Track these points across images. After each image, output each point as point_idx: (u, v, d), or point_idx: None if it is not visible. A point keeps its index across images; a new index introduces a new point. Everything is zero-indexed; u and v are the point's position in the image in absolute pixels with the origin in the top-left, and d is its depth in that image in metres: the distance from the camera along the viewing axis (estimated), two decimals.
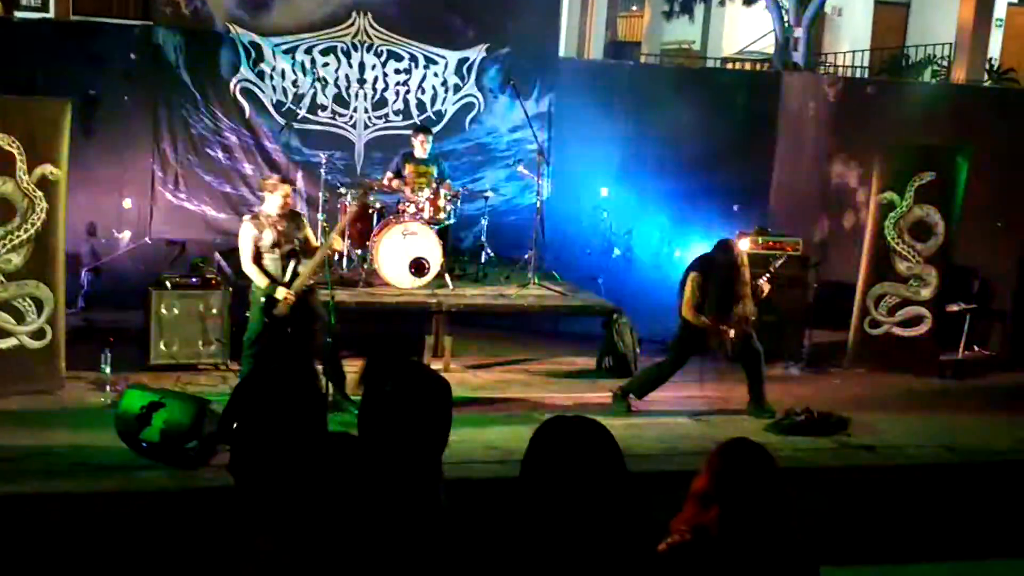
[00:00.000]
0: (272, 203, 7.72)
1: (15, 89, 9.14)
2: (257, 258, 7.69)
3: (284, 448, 4.86)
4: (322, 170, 10.48)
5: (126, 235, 10.90)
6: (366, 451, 2.84)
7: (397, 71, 11.55)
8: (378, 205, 10.10)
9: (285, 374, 5.08)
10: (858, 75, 18.73)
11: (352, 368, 7.92)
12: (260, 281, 7.67)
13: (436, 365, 8.38)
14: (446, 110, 11.73)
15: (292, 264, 7.63)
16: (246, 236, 7.72)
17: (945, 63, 17.96)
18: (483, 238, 10.70)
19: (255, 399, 5.08)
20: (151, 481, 6.33)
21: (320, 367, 7.57)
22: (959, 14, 17.33)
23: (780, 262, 8.95)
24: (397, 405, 4.88)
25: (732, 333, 8.15)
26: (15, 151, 7.65)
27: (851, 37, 21.10)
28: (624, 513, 2.74)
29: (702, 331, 8.19)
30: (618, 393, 8.42)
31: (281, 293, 7.57)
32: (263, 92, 11.17)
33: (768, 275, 8.53)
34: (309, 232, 7.92)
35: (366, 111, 11.52)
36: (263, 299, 7.64)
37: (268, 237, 7.65)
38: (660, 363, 8.51)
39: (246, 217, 8.01)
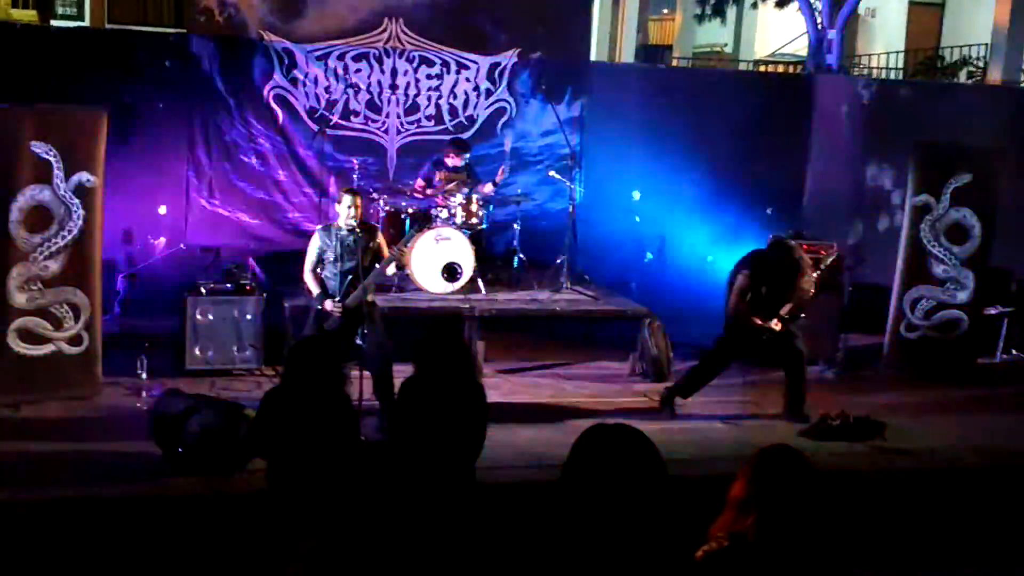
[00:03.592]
0: (340, 214, 7.76)
1: (51, 97, 9.22)
2: (320, 268, 7.77)
3: (314, 455, 4.90)
4: (355, 176, 10.52)
5: (161, 242, 10.98)
6: (400, 456, 2.85)
7: (429, 76, 11.57)
8: (411, 210, 10.12)
9: (310, 384, 5.13)
10: (892, 77, 18.60)
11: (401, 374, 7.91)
12: (313, 290, 7.78)
13: None
14: (478, 115, 11.74)
15: (349, 280, 7.65)
16: (312, 245, 7.84)
17: (981, 64, 17.80)
18: (515, 243, 10.70)
19: (281, 409, 5.13)
20: (186, 486, 6.36)
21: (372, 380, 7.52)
22: (995, 14, 17.18)
23: (831, 260, 8.91)
24: (433, 413, 4.86)
25: (778, 325, 8.11)
26: (52, 159, 7.72)
27: (885, 38, 20.96)
28: (663, 520, 2.73)
29: (748, 329, 8.14)
30: (665, 395, 8.39)
31: (329, 305, 7.63)
32: (296, 99, 11.23)
33: (817, 274, 8.51)
34: (383, 246, 7.91)
35: (398, 117, 11.55)
36: (317, 309, 7.72)
37: (333, 250, 7.71)
38: (705, 360, 8.46)
39: (319, 226, 8.10)
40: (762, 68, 20.85)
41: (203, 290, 8.90)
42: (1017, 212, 10.67)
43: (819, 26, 16.69)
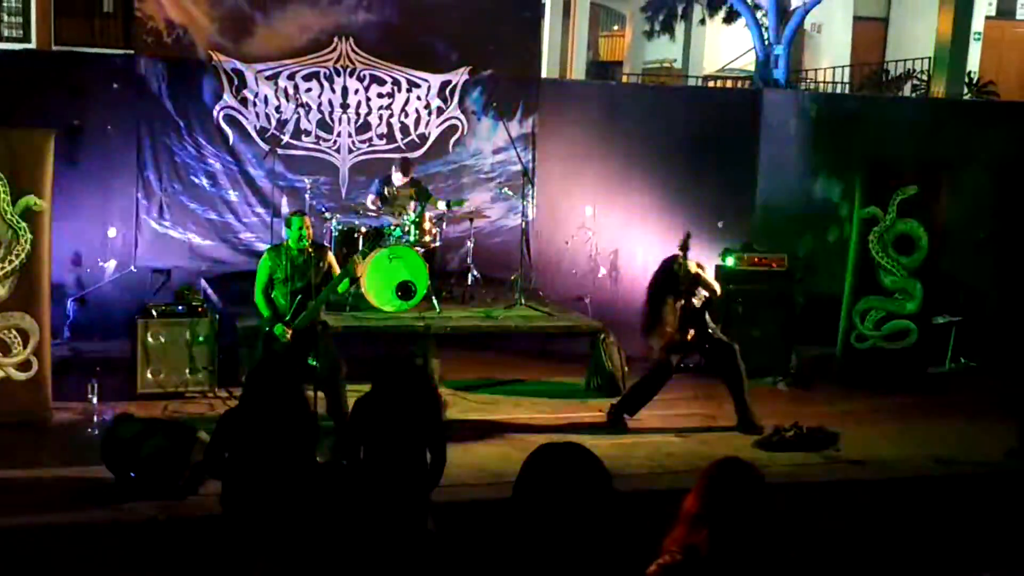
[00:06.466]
0: (290, 236, 7.73)
1: None
2: (270, 289, 7.72)
3: (272, 476, 4.87)
4: (307, 195, 10.49)
5: (111, 264, 10.87)
6: (351, 476, 2.85)
7: (380, 95, 11.55)
8: (364, 229, 10.10)
9: (270, 405, 5.10)
10: (838, 91, 18.83)
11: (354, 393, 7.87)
12: (264, 313, 7.74)
13: None
14: (430, 133, 11.74)
15: (299, 300, 7.61)
16: (262, 267, 7.80)
17: (925, 77, 18.06)
18: (469, 260, 10.71)
19: (239, 430, 5.09)
20: (139, 511, 6.29)
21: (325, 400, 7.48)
22: (937, 28, 17.46)
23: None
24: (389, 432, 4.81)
25: (690, 335, 8.24)
26: None
27: (831, 53, 21.20)
28: (613, 537, 2.75)
29: (680, 343, 8.24)
30: (612, 412, 8.43)
31: (279, 329, 7.57)
32: (246, 119, 11.17)
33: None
34: (334, 266, 7.89)
35: (350, 135, 11.52)
36: (266, 331, 7.67)
37: (283, 270, 7.67)
38: (647, 376, 8.52)
39: (268, 247, 8.04)
40: (711, 83, 21.02)
41: (154, 312, 8.82)
42: (962, 222, 10.83)
43: (766, 42, 16.89)
